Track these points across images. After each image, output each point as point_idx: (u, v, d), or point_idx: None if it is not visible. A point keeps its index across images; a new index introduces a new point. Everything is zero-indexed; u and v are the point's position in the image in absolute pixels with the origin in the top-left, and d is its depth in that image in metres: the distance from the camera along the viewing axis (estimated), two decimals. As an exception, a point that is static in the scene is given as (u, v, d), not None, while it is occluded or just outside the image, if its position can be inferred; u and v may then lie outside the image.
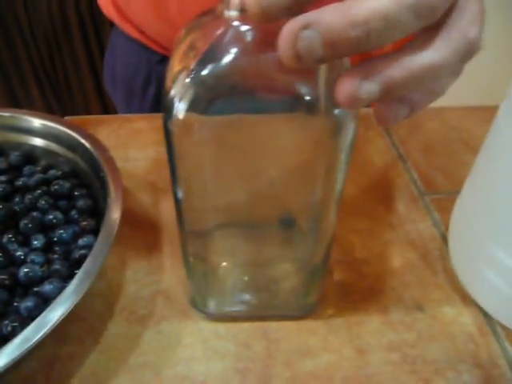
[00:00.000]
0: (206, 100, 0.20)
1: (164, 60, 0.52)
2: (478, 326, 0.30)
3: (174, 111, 0.20)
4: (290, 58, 0.16)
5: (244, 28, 0.19)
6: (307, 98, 0.20)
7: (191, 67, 0.20)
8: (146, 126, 0.47)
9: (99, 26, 1.09)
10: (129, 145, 0.44)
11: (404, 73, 0.16)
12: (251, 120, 0.22)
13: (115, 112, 0.66)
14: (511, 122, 0.25)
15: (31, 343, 0.22)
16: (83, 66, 1.13)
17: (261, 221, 0.28)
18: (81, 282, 0.25)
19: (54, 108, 1.22)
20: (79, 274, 0.25)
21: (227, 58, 0.19)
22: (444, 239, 0.36)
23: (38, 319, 0.23)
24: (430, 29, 0.17)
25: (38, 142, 0.36)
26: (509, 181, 0.26)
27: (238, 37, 0.19)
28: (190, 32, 0.22)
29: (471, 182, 0.31)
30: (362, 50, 0.16)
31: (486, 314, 0.30)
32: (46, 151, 0.36)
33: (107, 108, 1.20)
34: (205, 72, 0.19)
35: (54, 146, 0.36)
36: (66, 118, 0.47)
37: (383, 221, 0.37)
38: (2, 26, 1.08)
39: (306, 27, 0.15)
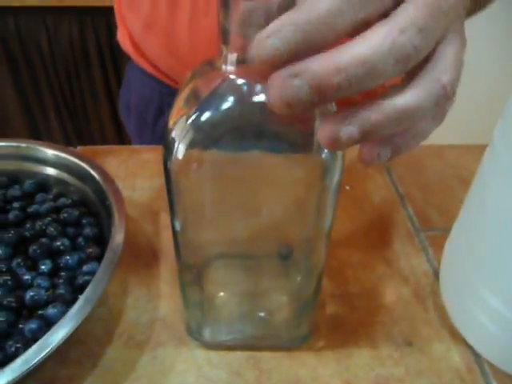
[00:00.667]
0: (203, 143, 0.22)
1: (175, 93, 0.55)
2: (466, 363, 0.31)
3: (174, 151, 0.22)
4: (280, 106, 0.17)
5: (239, 81, 0.21)
6: (299, 141, 0.22)
7: (191, 113, 0.22)
8: (153, 157, 0.49)
9: (117, 57, 1.14)
10: (136, 175, 0.46)
11: (380, 116, 0.18)
12: (247, 159, 0.23)
13: (129, 139, 0.69)
14: (495, 165, 0.27)
15: (32, 364, 0.23)
16: (101, 96, 1.18)
17: (256, 253, 0.29)
18: (82, 307, 0.26)
19: (70, 134, 1.26)
20: (81, 299, 0.26)
21: (223, 107, 0.21)
22: (436, 275, 0.36)
23: (40, 341, 0.24)
24: (407, 74, 0.18)
25: (51, 171, 0.39)
26: (495, 224, 0.27)
27: (234, 88, 0.21)
28: (193, 78, 0.24)
29: (460, 220, 0.32)
30: (346, 95, 0.17)
31: (474, 352, 0.31)
32: (58, 180, 0.39)
33: (122, 135, 1.24)
34: (203, 118, 0.21)
35: (65, 176, 0.38)
36: (79, 147, 0.50)
37: (378, 255, 0.38)
38: (25, 56, 1.14)
39: (295, 76, 0.16)
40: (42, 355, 0.23)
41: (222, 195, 0.25)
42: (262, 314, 0.30)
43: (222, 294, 0.31)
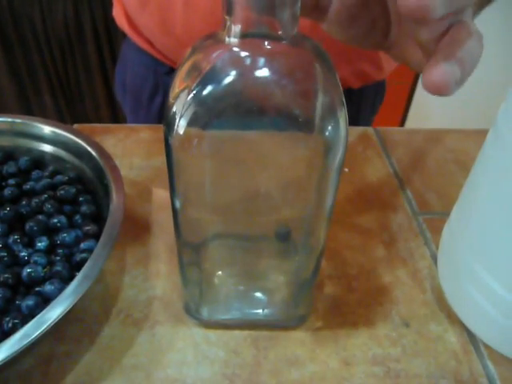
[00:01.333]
0: (205, 118, 0.22)
1: (171, 72, 0.55)
2: (462, 343, 0.31)
3: (175, 127, 0.22)
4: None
5: (243, 53, 0.20)
6: (301, 119, 0.22)
7: (192, 87, 0.21)
8: (151, 136, 0.48)
9: (112, 35, 1.12)
10: (134, 154, 0.46)
11: None
12: (248, 137, 0.23)
13: (124, 119, 0.68)
14: (497, 149, 0.27)
15: (30, 339, 0.23)
16: (95, 74, 1.16)
17: (256, 232, 0.29)
18: (80, 284, 0.26)
19: (64, 113, 1.24)
20: (79, 276, 0.26)
21: (226, 80, 0.21)
22: (434, 258, 0.37)
23: (38, 317, 0.24)
24: None
25: (47, 148, 0.38)
26: (495, 206, 0.27)
27: (237, 61, 0.21)
28: (194, 53, 0.24)
29: (460, 203, 0.32)
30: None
31: (470, 333, 0.31)
32: (54, 157, 0.38)
33: (117, 115, 1.23)
34: (205, 92, 0.21)
35: (62, 153, 0.38)
36: (75, 125, 0.49)
37: (376, 238, 0.38)
38: (18, 33, 1.11)
39: None
40: (39, 331, 0.23)
41: (222, 173, 0.25)
42: (260, 294, 0.30)
43: (220, 273, 0.31)
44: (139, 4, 0.49)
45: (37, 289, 0.29)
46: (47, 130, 0.38)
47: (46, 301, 0.29)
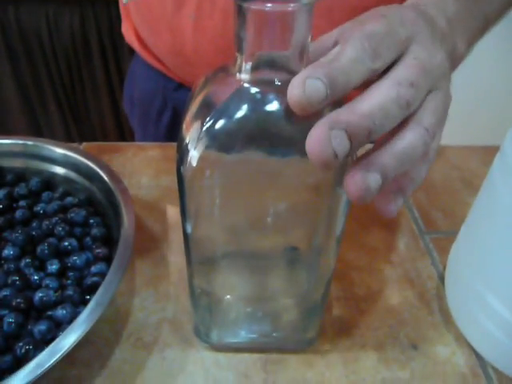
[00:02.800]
0: (217, 151, 0.22)
1: (180, 88, 0.55)
2: (471, 366, 0.31)
3: (188, 158, 0.22)
4: (326, 158, 0.19)
5: (253, 90, 0.21)
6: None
7: (205, 120, 0.22)
8: (159, 154, 0.49)
9: (118, 49, 1.12)
10: (142, 173, 0.46)
11: (391, 159, 0.20)
12: (259, 166, 0.23)
13: (131, 132, 0.69)
14: (505, 176, 0.27)
15: (44, 368, 0.23)
16: (101, 87, 1.17)
17: (265, 256, 0.29)
18: (93, 311, 0.26)
19: (70, 126, 1.25)
20: (91, 303, 0.26)
21: (237, 115, 0.21)
22: (441, 279, 0.37)
23: (52, 345, 0.24)
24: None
25: (57, 169, 0.38)
26: (503, 231, 0.27)
27: (248, 97, 0.21)
28: (206, 84, 0.24)
29: (466, 226, 0.33)
30: (373, 138, 0.20)
31: (478, 355, 0.31)
32: (65, 179, 0.38)
33: (122, 128, 1.23)
34: (217, 126, 0.21)
35: (72, 174, 0.38)
36: (84, 143, 0.50)
37: (383, 258, 0.39)
38: (25, 47, 1.13)
39: (332, 128, 0.19)
40: (54, 359, 0.24)
41: (234, 200, 0.25)
42: (269, 318, 0.31)
43: (228, 297, 0.31)
44: (149, 25, 0.50)
45: (49, 313, 0.30)
46: (58, 152, 0.38)
47: (57, 325, 0.29)
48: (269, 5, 0.18)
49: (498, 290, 0.28)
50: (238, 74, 0.21)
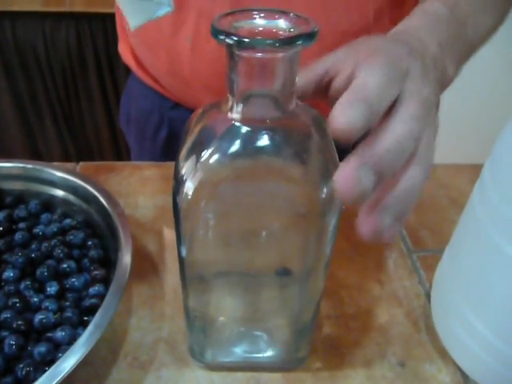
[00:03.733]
0: (211, 183, 0.23)
1: (176, 107, 0.56)
2: (456, 383, 0.32)
3: (184, 189, 0.24)
4: (357, 196, 0.21)
5: (244, 128, 0.22)
6: (299, 182, 0.24)
7: (200, 155, 0.23)
8: (155, 174, 0.50)
9: (114, 64, 1.14)
10: (138, 192, 0.47)
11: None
12: (253, 196, 0.25)
13: (126, 147, 0.69)
14: (484, 204, 0.28)
15: (45, 391, 0.24)
16: (97, 102, 1.18)
17: (258, 276, 0.31)
18: (92, 333, 0.27)
19: (66, 141, 1.26)
20: (91, 325, 0.28)
21: (230, 151, 0.23)
22: (428, 297, 0.38)
23: (52, 368, 0.25)
24: None
25: (56, 192, 0.40)
26: (484, 255, 0.29)
27: (240, 134, 0.23)
28: (202, 118, 0.25)
29: (450, 248, 0.34)
30: (393, 171, 0.22)
31: (463, 373, 0.33)
32: (63, 201, 0.40)
33: (117, 143, 1.24)
34: (211, 161, 0.23)
35: (70, 197, 0.39)
36: (81, 163, 0.51)
37: (372, 276, 0.40)
38: (21, 61, 1.14)
39: (359, 168, 0.20)
40: (54, 382, 0.25)
41: (227, 227, 0.27)
42: (261, 339, 0.32)
43: (222, 318, 0.32)
44: (147, 47, 0.51)
45: (48, 334, 0.31)
46: (57, 174, 0.39)
47: (56, 346, 0.30)
48: (259, 54, 0.20)
49: (481, 311, 0.30)
50: (229, 114, 0.23)
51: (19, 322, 0.31)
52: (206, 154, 0.23)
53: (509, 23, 0.40)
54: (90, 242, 0.37)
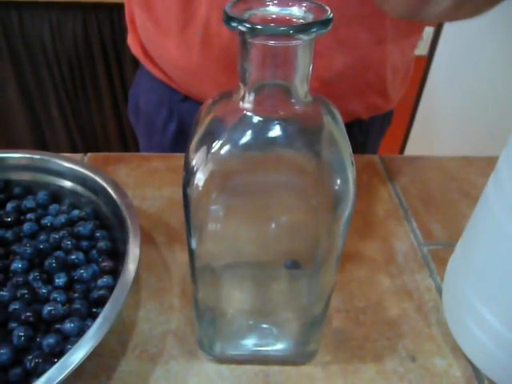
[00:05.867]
0: (222, 174, 0.23)
1: (185, 99, 0.55)
2: (467, 378, 0.32)
3: (195, 180, 0.23)
4: None
5: (256, 118, 0.22)
6: (311, 176, 0.23)
7: (211, 146, 0.23)
8: (163, 165, 0.50)
9: (121, 54, 1.14)
10: (146, 184, 0.47)
11: None
12: (263, 188, 0.24)
13: (133, 139, 0.69)
14: (499, 195, 0.28)
15: (55, 383, 0.24)
16: (104, 92, 1.18)
17: (268, 268, 0.30)
18: (101, 325, 0.27)
19: (73, 131, 1.26)
20: (100, 317, 0.27)
21: (241, 141, 0.22)
22: (439, 291, 0.38)
23: (62, 361, 0.25)
24: None
25: (64, 183, 0.39)
26: (498, 248, 0.28)
27: (251, 124, 0.22)
28: (212, 107, 0.25)
29: (463, 241, 0.33)
30: None
31: (474, 367, 0.32)
32: (71, 192, 0.39)
33: (124, 134, 1.24)
34: (222, 152, 0.22)
35: (78, 188, 0.39)
36: (89, 154, 0.51)
37: (383, 270, 0.39)
38: (28, 52, 1.14)
39: None
40: (64, 374, 0.25)
41: (238, 218, 0.26)
42: (270, 332, 0.32)
43: (232, 310, 0.32)
44: (156, 40, 0.50)
45: (57, 326, 0.31)
46: (65, 165, 0.39)
47: (65, 338, 0.30)
48: (272, 42, 0.19)
49: (493, 304, 0.29)
50: (241, 103, 0.22)
51: (28, 314, 0.30)
52: (216, 145, 0.22)
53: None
54: (98, 234, 0.37)
